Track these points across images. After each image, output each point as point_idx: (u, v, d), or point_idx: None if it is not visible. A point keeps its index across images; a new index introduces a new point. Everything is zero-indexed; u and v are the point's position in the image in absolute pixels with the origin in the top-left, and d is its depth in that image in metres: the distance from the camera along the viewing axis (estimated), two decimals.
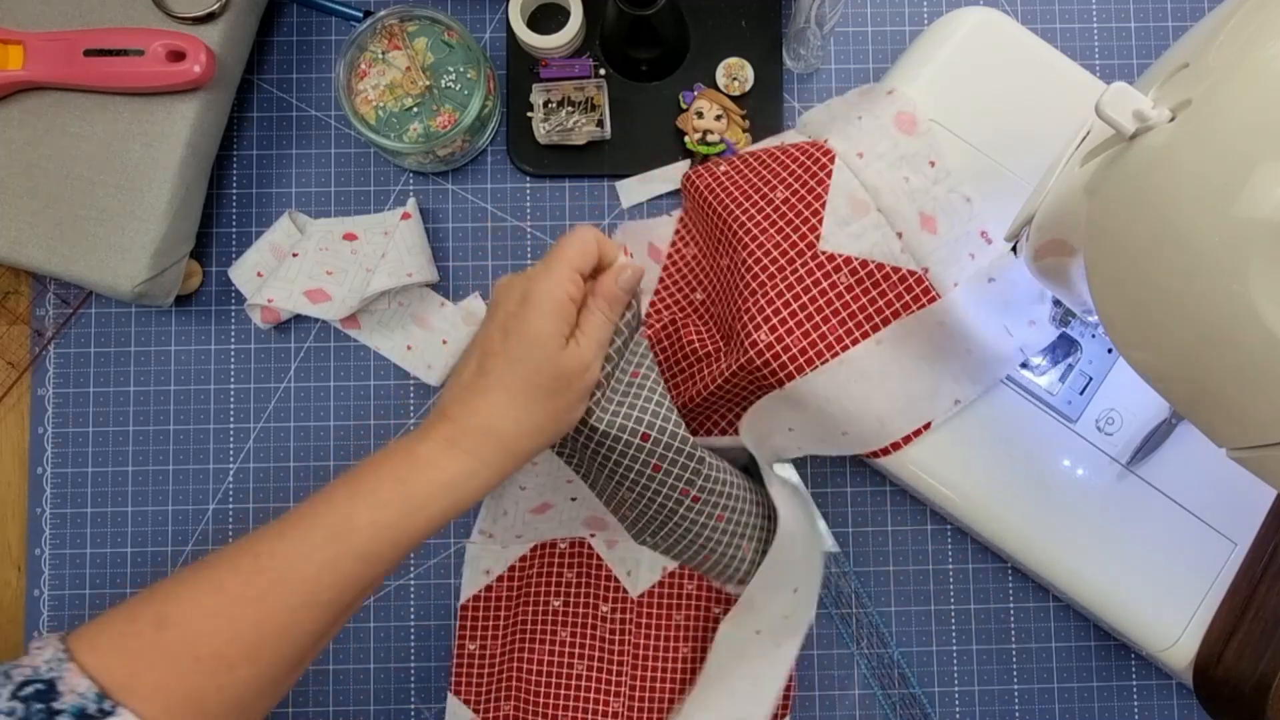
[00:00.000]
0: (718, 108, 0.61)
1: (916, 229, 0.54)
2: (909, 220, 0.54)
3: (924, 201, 0.54)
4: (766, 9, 0.63)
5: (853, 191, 0.54)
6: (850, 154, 0.54)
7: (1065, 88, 0.56)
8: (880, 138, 0.54)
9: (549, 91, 0.62)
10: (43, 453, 0.63)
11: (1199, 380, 0.35)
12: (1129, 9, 0.65)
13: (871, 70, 0.65)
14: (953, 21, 0.57)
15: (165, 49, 0.55)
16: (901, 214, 0.54)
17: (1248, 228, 0.29)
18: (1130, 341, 0.38)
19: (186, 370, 0.63)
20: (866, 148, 0.54)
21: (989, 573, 0.62)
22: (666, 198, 0.64)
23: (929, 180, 0.54)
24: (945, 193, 0.54)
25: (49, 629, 0.62)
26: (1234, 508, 0.55)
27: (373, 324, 0.63)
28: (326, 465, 0.63)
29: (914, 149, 0.54)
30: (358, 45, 0.59)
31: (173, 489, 0.63)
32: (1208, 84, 0.32)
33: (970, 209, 0.54)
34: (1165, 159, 0.33)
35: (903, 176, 0.54)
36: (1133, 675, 0.62)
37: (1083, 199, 0.38)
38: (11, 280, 0.64)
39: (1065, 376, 0.57)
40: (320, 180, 0.64)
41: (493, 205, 0.64)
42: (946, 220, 0.54)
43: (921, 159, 0.54)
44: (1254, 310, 0.30)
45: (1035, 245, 0.48)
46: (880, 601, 0.62)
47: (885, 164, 0.54)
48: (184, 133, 0.57)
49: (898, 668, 0.62)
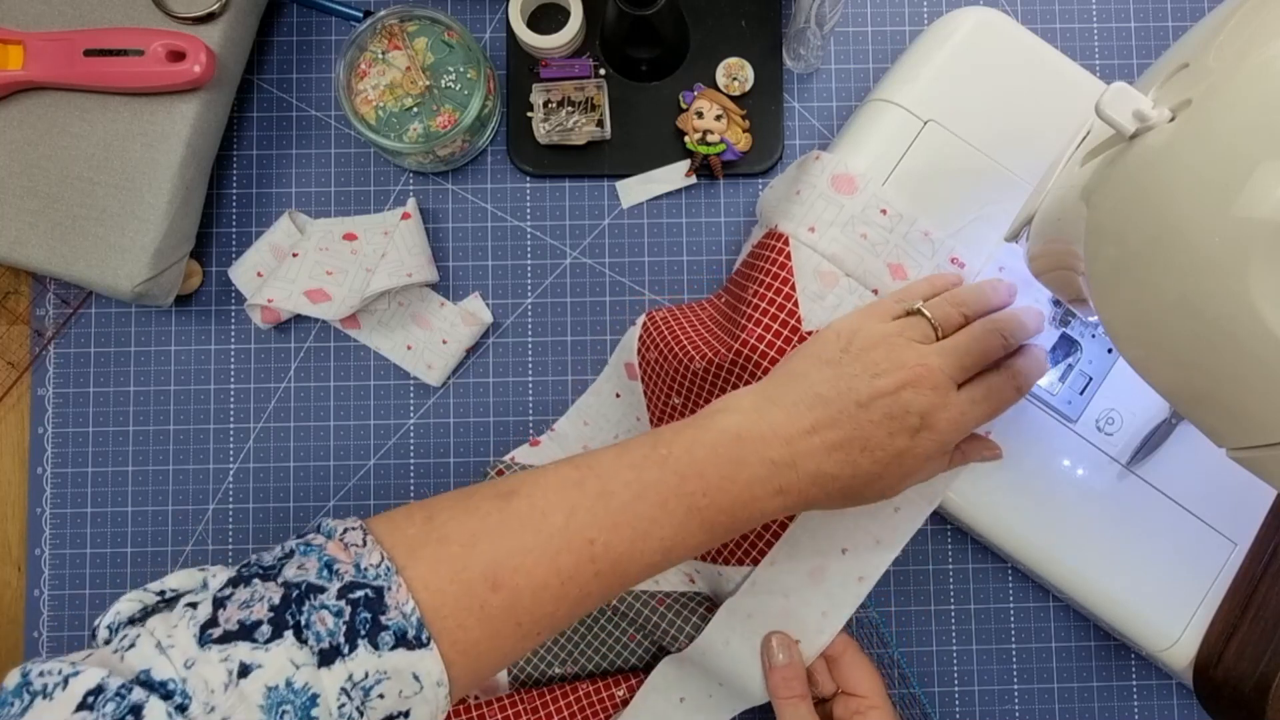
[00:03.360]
0: (718, 108, 0.61)
1: (888, 281, 0.54)
2: (879, 275, 0.54)
3: (887, 252, 0.54)
4: (766, 9, 0.63)
5: (816, 266, 0.53)
6: (802, 231, 0.54)
7: (1065, 88, 0.56)
8: (824, 206, 0.54)
9: (549, 91, 0.62)
10: (43, 453, 0.63)
11: (1199, 380, 0.35)
12: (1129, 9, 0.65)
13: (871, 70, 0.65)
14: (952, 22, 0.57)
15: (165, 49, 0.55)
16: (871, 271, 0.53)
17: (1248, 227, 0.29)
18: (1130, 341, 0.38)
19: (186, 370, 0.63)
20: (814, 219, 0.54)
21: (989, 573, 0.62)
22: (666, 197, 0.64)
23: (885, 230, 0.54)
24: (904, 235, 0.54)
25: (49, 629, 0.62)
26: (1234, 508, 0.55)
27: (373, 324, 0.63)
28: (326, 465, 0.63)
29: (860, 205, 0.54)
30: (358, 45, 0.59)
31: (173, 489, 0.63)
32: (1208, 84, 0.32)
33: (931, 242, 0.54)
34: (1165, 159, 0.33)
35: (859, 235, 0.54)
36: (1133, 675, 0.62)
37: (1082, 199, 0.38)
38: (11, 280, 0.64)
39: (1065, 376, 0.57)
40: (320, 180, 0.64)
41: (493, 205, 0.64)
42: (914, 262, 0.54)
43: (872, 211, 0.54)
44: (1254, 310, 0.30)
45: (1035, 246, 0.48)
46: (880, 601, 0.62)
47: (838, 229, 0.54)
48: (184, 133, 0.57)
49: (898, 668, 0.62)
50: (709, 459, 0.42)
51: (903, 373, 0.44)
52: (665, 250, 0.64)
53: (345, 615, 0.34)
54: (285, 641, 0.33)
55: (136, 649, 0.33)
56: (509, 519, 0.39)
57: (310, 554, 0.37)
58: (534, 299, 0.64)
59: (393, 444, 0.63)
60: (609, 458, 0.42)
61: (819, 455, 0.43)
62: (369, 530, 0.38)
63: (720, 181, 0.64)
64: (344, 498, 0.63)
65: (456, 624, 0.36)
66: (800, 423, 0.43)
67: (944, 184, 0.55)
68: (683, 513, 0.41)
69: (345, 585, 0.35)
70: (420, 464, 0.63)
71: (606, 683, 0.58)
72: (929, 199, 0.55)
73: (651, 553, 0.41)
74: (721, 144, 0.61)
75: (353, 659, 0.34)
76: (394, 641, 0.35)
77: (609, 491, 0.40)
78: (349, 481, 0.63)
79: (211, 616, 0.34)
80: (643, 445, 0.42)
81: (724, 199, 0.64)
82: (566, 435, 0.62)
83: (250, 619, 0.34)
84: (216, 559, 0.62)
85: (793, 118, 0.64)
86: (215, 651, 0.33)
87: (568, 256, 0.64)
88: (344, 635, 0.34)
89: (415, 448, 0.63)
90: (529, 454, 0.62)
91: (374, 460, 0.63)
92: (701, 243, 0.64)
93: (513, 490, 0.40)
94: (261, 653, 0.33)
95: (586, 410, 0.63)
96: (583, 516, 0.39)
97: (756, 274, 0.55)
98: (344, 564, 0.36)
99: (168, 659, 0.33)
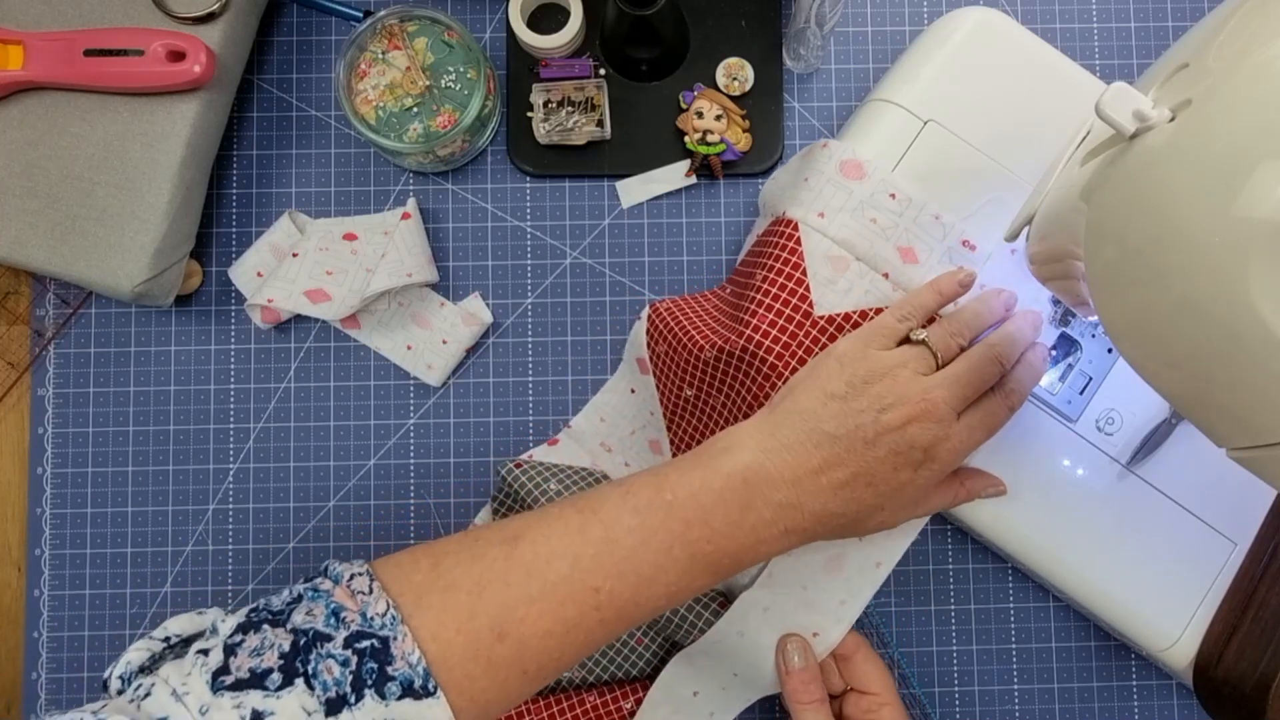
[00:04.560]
0: (718, 108, 0.61)
1: (899, 264, 0.53)
2: (890, 259, 0.53)
3: (897, 235, 0.54)
4: (766, 9, 0.63)
5: (827, 251, 0.53)
6: (811, 217, 0.54)
7: (1065, 88, 0.56)
8: (833, 192, 0.54)
9: (549, 91, 0.62)
10: (43, 453, 0.63)
11: (1199, 380, 0.35)
12: (1129, 9, 0.65)
13: (871, 70, 0.65)
14: (952, 21, 0.57)
15: (165, 49, 0.55)
16: (881, 256, 0.53)
17: (1248, 227, 0.29)
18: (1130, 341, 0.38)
19: (186, 370, 0.63)
20: (823, 205, 0.54)
21: (989, 573, 0.62)
22: (666, 197, 0.64)
23: (895, 214, 0.54)
24: (914, 219, 0.54)
25: (49, 629, 0.62)
26: (1234, 508, 0.55)
27: (373, 324, 0.63)
28: (326, 465, 0.63)
29: (869, 190, 0.54)
30: (358, 45, 0.59)
31: (173, 489, 0.63)
32: (1208, 84, 0.32)
33: (942, 226, 0.54)
34: (1165, 159, 0.33)
35: (869, 219, 0.54)
36: (1133, 675, 0.62)
37: (1082, 199, 0.38)
38: (11, 280, 0.64)
39: (1065, 376, 0.57)
40: (320, 180, 0.64)
41: (493, 205, 0.64)
42: (925, 245, 0.54)
43: (881, 195, 0.54)
44: (1254, 310, 0.30)
45: (1035, 245, 0.48)
46: (880, 601, 0.62)
47: (848, 214, 0.53)
48: (184, 133, 0.57)
49: (898, 668, 0.62)
50: (715, 505, 0.42)
51: (908, 408, 0.44)
52: (665, 250, 0.64)
53: (351, 665, 0.35)
54: (296, 689, 0.34)
55: (153, 697, 0.34)
56: (514, 566, 0.39)
57: (318, 600, 0.37)
58: (534, 299, 0.64)
59: (393, 444, 0.63)
60: (613, 500, 0.42)
61: (825, 495, 0.43)
62: (375, 575, 0.38)
63: (720, 181, 0.64)
64: (344, 498, 0.63)
65: (463, 674, 0.37)
66: (808, 463, 0.43)
67: (944, 184, 0.55)
68: (687, 559, 0.41)
69: (351, 635, 0.36)
70: (420, 464, 0.63)
71: (615, 695, 0.58)
72: (930, 197, 0.55)
73: (656, 598, 0.41)
74: (721, 144, 0.61)
75: (360, 709, 0.34)
76: (401, 691, 0.35)
77: (613, 539, 0.40)
78: (349, 481, 0.63)
79: (223, 664, 0.35)
80: (647, 487, 0.42)
81: (724, 199, 0.64)
82: (584, 432, 0.62)
83: (261, 667, 0.34)
84: (216, 559, 0.62)
85: (793, 118, 0.64)
86: (228, 699, 0.33)
87: (568, 256, 0.64)
88: (350, 685, 0.35)
89: (415, 448, 0.63)
90: (547, 453, 0.62)
91: (374, 460, 0.63)
92: (701, 243, 0.64)
93: (518, 535, 0.40)
94: (274, 700, 0.34)
95: (603, 407, 0.63)
96: (587, 564, 0.40)
97: (765, 260, 0.55)
98: (350, 612, 0.36)
99: (184, 706, 0.33)
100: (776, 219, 0.56)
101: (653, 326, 0.58)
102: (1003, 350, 0.48)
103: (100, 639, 0.62)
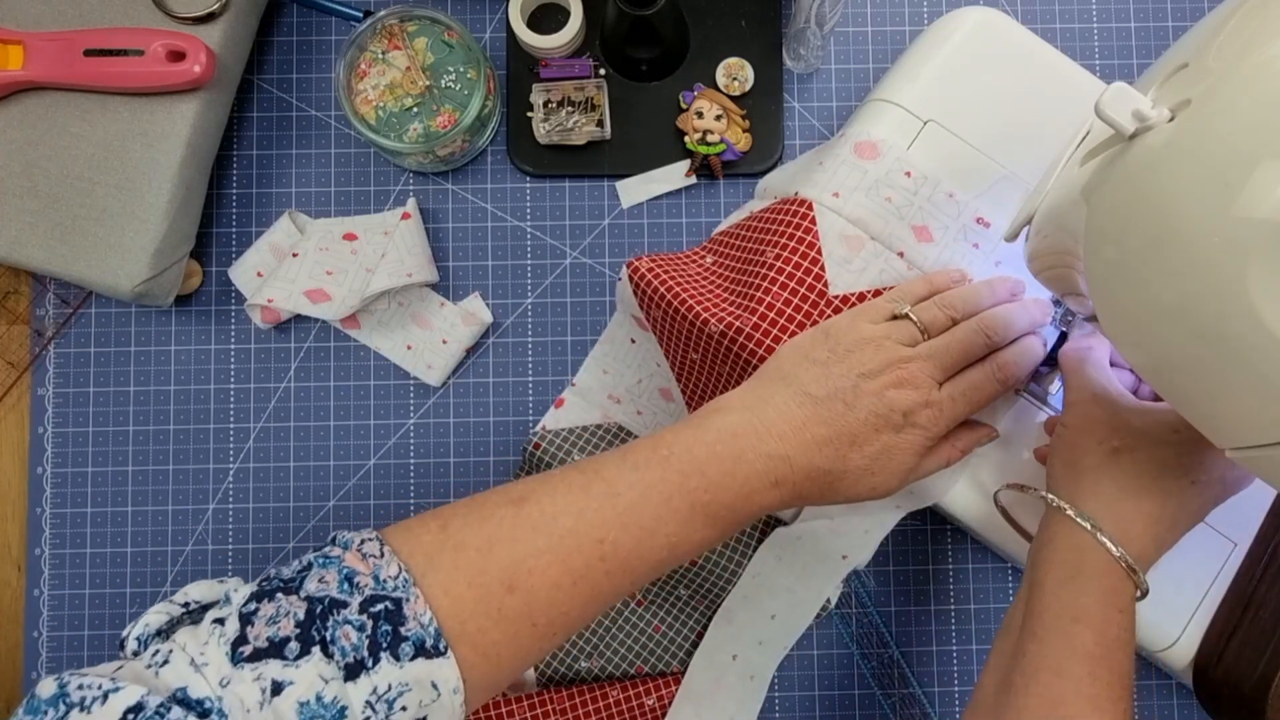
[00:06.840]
0: (718, 108, 0.61)
1: (914, 243, 0.54)
2: (905, 238, 0.54)
3: (912, 214, 0.54)
4: (766, 9, 0.63)
5: (842, 230, 0.54)
6: (825, 196, 0.54)
7: (1065, 88, 0.56)
8: (848, 172, 0.54)
9: (549, 91, 0.62)
10: (43, 453, 0.63)
11: (1198, 380, 0.35)
12: (1129, 9, 0.65)
13: (871, 70, 0.65)
14: (952, 22, 0.57)
15: (165, 49, 0.55)
16: (896, 234, 0.54)
17: (1247, 228, 0.29)
18: (1130, 341, 0.38)
19: (186, 370, 0.63)
20: (838, 185, 0.54)
21: (989, 573, 0.62)
22: (666, 197, 0.64)
23: (910, 192, 0.54)
24: (928, 198, 0.54)
25: (49, 629, 0.62)
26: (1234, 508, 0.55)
27: (373, 324, 0.63)
28: (326, 465, 0.63)
29: (884, 169, 0.54)
30: (358, 45, 0.59)
31: (173, 489, 0.63)
32: (1208, 84, 0.32)
33: (956, 203, 0.54)
34: (1165, 159, 0.33)
35: (884, 198, 0.54)
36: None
37: (1082, 199, 0.38)
38: (11, 280, 0.64)
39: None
40: (320, 180, 0.64)
41: (493, 205, 0.64)
42: (939, 224, 0.54)
43: (896, 174, 0.54)
44: (1253, 310, 0.30)
45: (1034, 245, 0.48)
46: (880, 601, 0.62)
47: (863, 194, 0.54)
48: (184, 133, 0.57)
49: (898, 668, 0.62)
50: (709, 456, 0.43)
51: (887, 373, 0.46)
52: (665, 250, 0.64)
53: (368, 629, 0.35)
54: (314, 657, 0.35)
55: (171, 666, 0.34)
56: (522, 523, 0.40)
57: (330, 566, 0.37)
58: (534, 299, 0.64)
59: (393, 444, 0.63)
60: (613, 461, 0.43)
61: (810, 450, 0.45)
62: (385, 541, 0.39)
63: (720, 181, 0.64)
64: (344, 498, 0.63)
65: (476, 627, 0.38)
66: (791, 419, 0.45)
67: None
68: (686, 509, 0.42)
69: (366, 599, 0.36)
70: (420, 464, 0.63)
71: (637, 690, 0.59)
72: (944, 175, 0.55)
73: (659, 549, 0.42)
74: (721, 144, 0.61)
75: (376, 672, 0.35)
76: (414, 652, 0.36)
77: (615, 493, 0.42)
78: (349, 481, 0.63)
79: (240, 633, 0.35)
80: (644, 448, 0.44)
81: (724, 199, 0.64)
82: (590, 388, 0.63)
83: (279, 635, 0.35)
84: (216, 559, 0.63)
85: (793, 118, 0.64)
86: (248, 670, 0.34)
87: (568, 256, 0.64)
88: (367, 649, 0.35)
89: (415, 448, 0.63)
90: (556, 417, 0.63)
91: (374, 460, 0.63)
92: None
93: (523, 496, 0.41)
94: (292, 670, 0.34)
95: (603, 359, 0.63)
96: (591, 517, 0.41)
97: (776, 239, 0.54)
98: (363, 576, 0.37)
99: (203, 677, 0.34)
100: (790, 198, 0.56)
101: (639, 289, 0.57)
102: (991, 325, 0.49)
103: (100, 639, 0.62)
